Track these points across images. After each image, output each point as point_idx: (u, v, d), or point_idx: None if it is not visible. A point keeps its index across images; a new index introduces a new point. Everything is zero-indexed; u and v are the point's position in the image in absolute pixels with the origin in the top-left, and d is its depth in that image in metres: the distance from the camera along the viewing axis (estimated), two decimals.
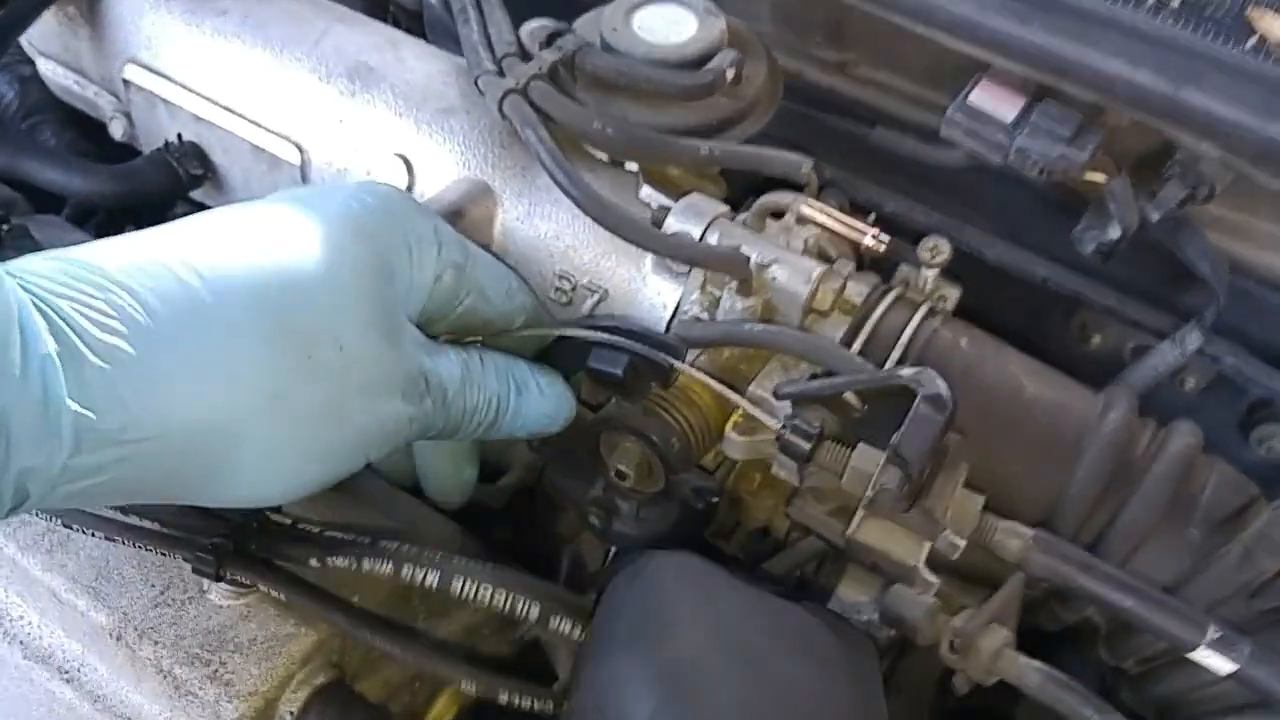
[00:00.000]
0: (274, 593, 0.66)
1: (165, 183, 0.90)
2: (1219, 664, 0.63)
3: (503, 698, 0.69)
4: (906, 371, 0.66)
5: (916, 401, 0.63)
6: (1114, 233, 0.89)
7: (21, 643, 0.69)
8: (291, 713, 0.66)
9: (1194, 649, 0.63)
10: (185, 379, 0.53)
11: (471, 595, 0.64)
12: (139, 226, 1.13)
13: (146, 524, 0.67)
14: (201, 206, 1.12)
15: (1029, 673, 0.64)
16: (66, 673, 0.68)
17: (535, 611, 0.66)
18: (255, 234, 0.59)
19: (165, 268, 0.55)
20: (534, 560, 0.85)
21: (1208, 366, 0.99)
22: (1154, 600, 0.63)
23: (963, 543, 0.63)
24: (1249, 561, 0.70)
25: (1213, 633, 0.62)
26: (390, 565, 0.64)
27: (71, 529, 0.68)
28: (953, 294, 0.85)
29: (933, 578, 0.64)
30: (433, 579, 0.64)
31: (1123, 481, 0.73)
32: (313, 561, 0.66)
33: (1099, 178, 0.87)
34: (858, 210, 0.95)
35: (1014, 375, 0.78)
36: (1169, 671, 0.73)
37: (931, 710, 0.92)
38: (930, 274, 0.82)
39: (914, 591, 0.68)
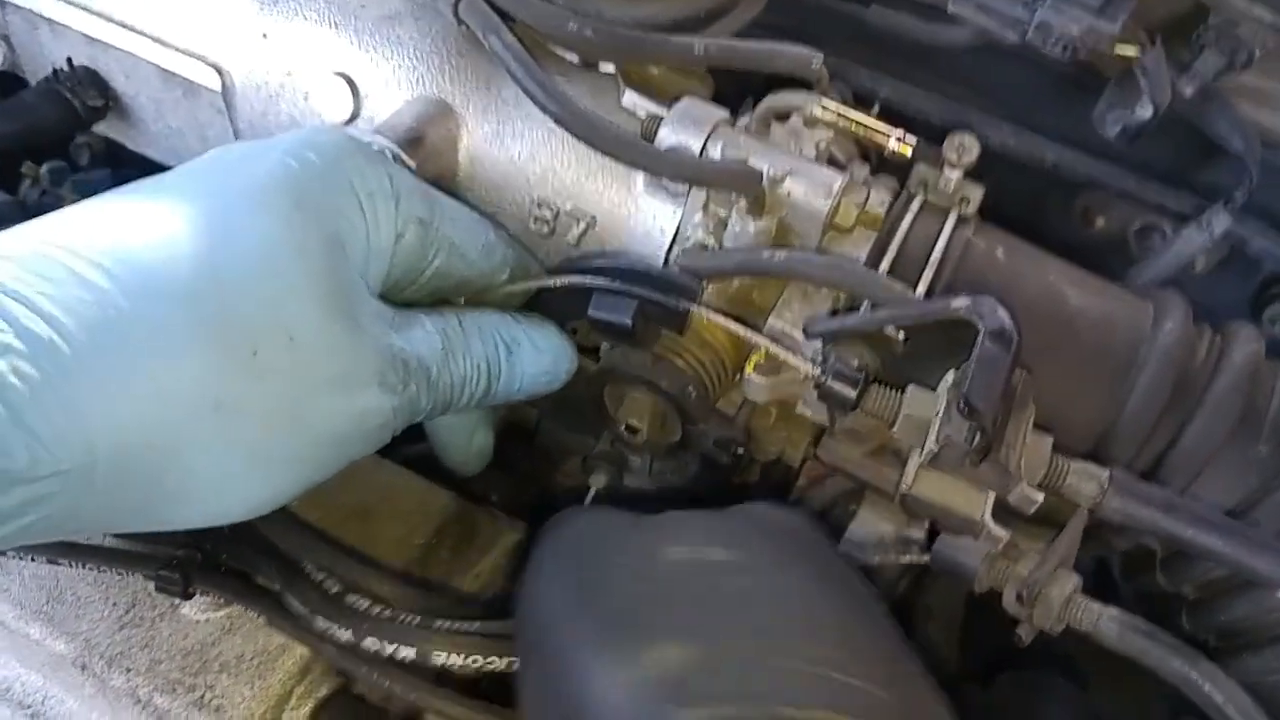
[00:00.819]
0: (252, 613, 0.57)
1: (60, 117, 0.77)
2: None
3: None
4: (960, 301, 0.58)
5: (979, 339, 0.55)
6: (1144, 112, 0.81)
7: None
8: None
9: None
10: (104, 399, 0.44)
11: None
12: (36, 159, 1.00)
13: (95, 541, 0.58)
14: (109, 142, 0.98)
15: (1105, 622, 0.58)
16: (29, 707, 0.60)
17: None
18: (174, 215, 0.49)
19: (65, 267, 0.45)
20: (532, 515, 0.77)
21: (1220, 244, 0.93)
22: (1243, 539, 0.58)
23: (1040, 496, 0.57)
24: None
25: None
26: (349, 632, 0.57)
27: (6, 555, 0.58)
28: (976, 195, 0.76)
29: (1002, 532, 0.58)
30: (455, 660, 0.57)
31: (1184, 398, 0.67)
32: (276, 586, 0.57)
33: (1130, 51, 0.79)
34: (859, 104, 0.86)
35: (1056, 287, 0.70)
36: (1234, 596, 0.68)
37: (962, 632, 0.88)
38: (955, 175, 0.74)
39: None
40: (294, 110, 0.75)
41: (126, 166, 1.04)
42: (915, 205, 0.72)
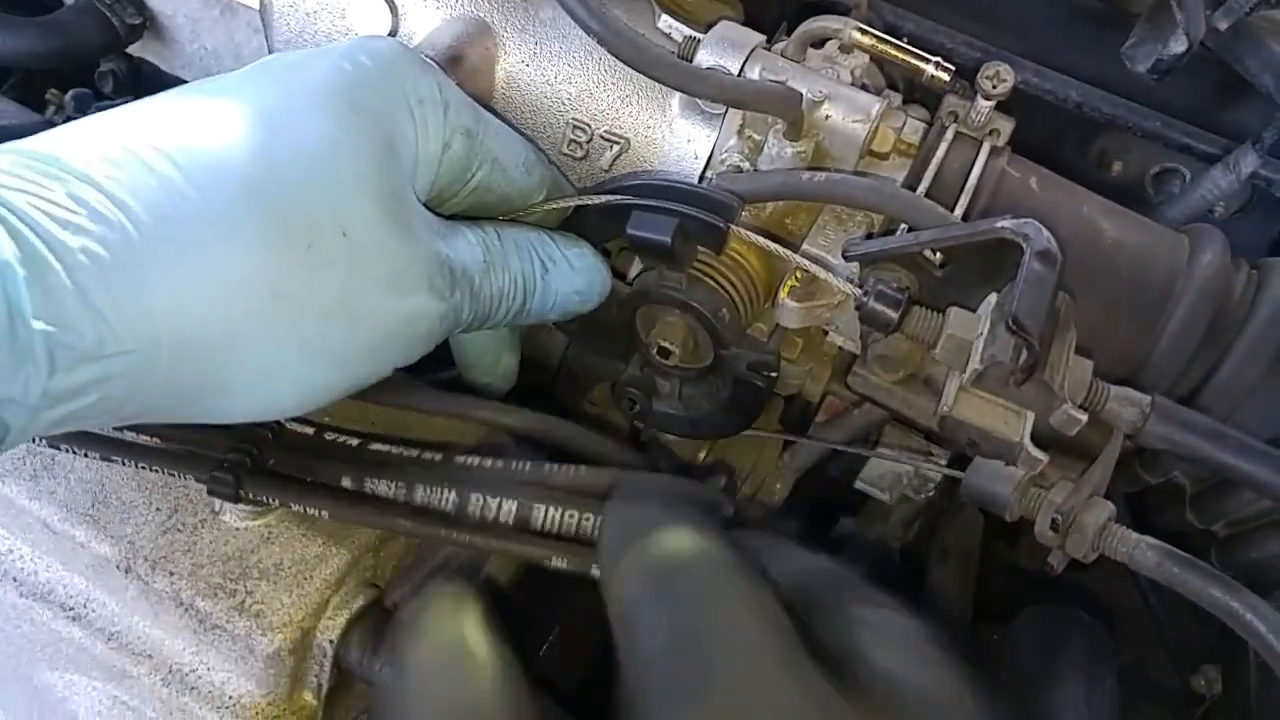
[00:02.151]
0: (311, 510, 0.57)
1: (99, 36, 0.77)
2: None
3: (557, 564, 0.61)
4: (1008, 223, 0.58)
5: (1026, 258, 0.55)
6: (1178, 45, 0.80)
7: (15, 579, 0.62)
8: (331, 641, 0.60)
9: None
10: (168, 283, 0.45)
11: (555, 523, 0.56)
12: (60, 86, 1.00)
13: (146, 440, 0.58)
14: (132, 69, 0.98)
15: (1144, 551, 0.59)
16: (71, 610, 0.61)
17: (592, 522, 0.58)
18: (235, 112, 0.50)
19: (135, 156, 0.46)
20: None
21: (1242, 189, 0.93)
22: None
23: (1084, 417, 0.57)
24: None
25: None
26: (452, 494, 0.56)
27: (60, 449, 0.58)
28: (1006, 127, 0.76)
29: (1040, 455, 0.58)
30: (509, 507, 0.56)
31: (1221, 332, 0.67)
32: (345, 481, 0.58)
33: None
34: None
35: (1092, 218, 0.70)
36: (1267, 533, 0.69)
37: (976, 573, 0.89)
38: (986, 105, 0.73)
39: (996, 464, 0.63)
40: (331, 28, 0.74)
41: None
42: (950, 134, 0.71)
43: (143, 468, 0.58)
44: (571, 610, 0.80)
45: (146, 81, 1.01)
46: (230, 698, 0.59)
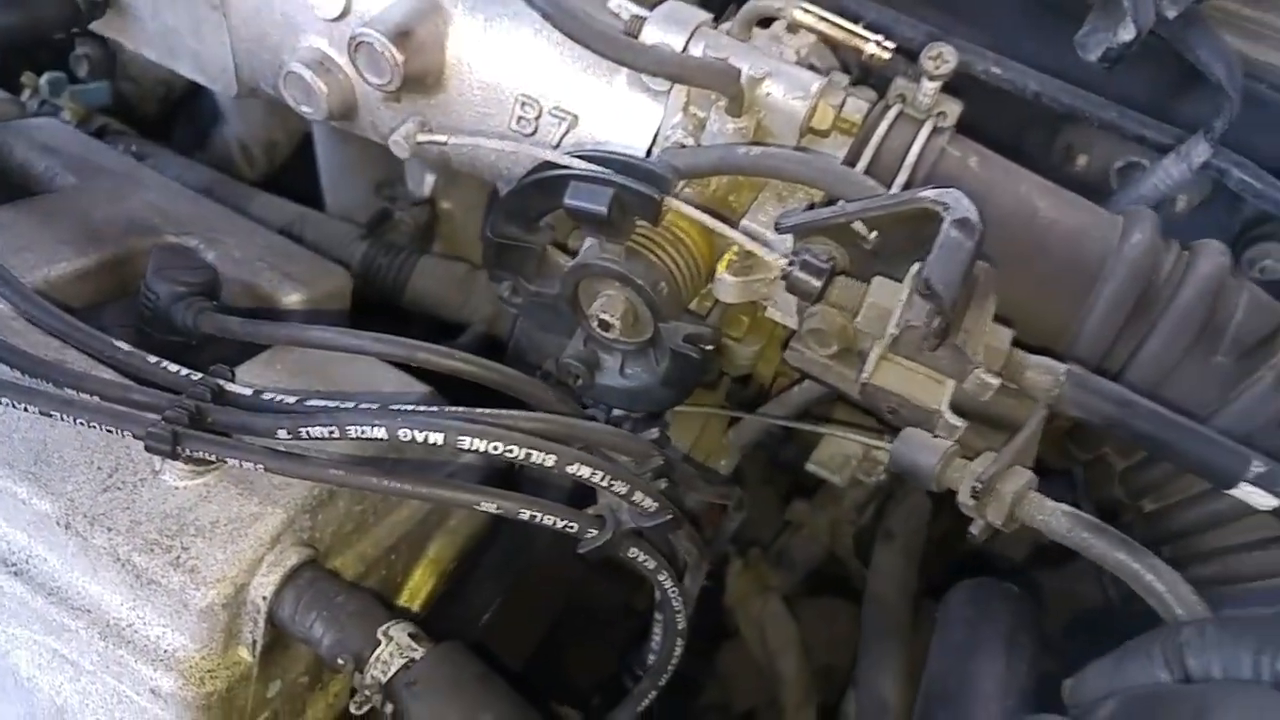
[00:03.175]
0: (246, 464, 0.59)
1: (61, 12, 0.78)
2: (1261, 500, 0.59)
3: (525, 515, 0.62)
4: (929, 192, 0.59)
5: (944, 225, 0.57)
6: (1126, 34, 0.81)
7: None
8: (264, 597, 0.61)
9: (1235, 484, 0.60)
10: None
11: (480, 449, 0.57)
12: (35, 68, 1.02)
13: (86, 398, 0.60)
14: (107, 54, 1.00)
15: (1058, 517, 0.60)
16: (13, 565, 0.62)
17: (551, 461, 0.59)
18: None
19: None
20: None
21: (1202, 184, 0.94)
22: (1195, 434, 0.59)
23: (997, 382, 0.58)
24: None
25: (1256, 467, 0.59)
26: (381, 429, 0.57)
27: (2, 403, 0.60)
28: (954, 109, 0.77)
29: (958, 421, 0.59)
30: (436, 438, 0.56)
31: (1148, 308, 0.68)
32: (282, 433, 0.59)
33: None
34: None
35: (1028, 198, 0.72)
36: (1185, 509, 0.70)
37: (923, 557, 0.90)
38: (932, 86, 0.75)
39: (924, 435, 0.64)
40: (287, 6, 0.76)
41: (124, 81, 1.06)
42: (892, 113, 0.73)
43: (82, 424, 0.60)
44: (523, 582, 0.82)
45: (120, 69, 1.04)
46: (165, 652, 0.60)
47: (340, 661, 0.60)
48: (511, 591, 0.78)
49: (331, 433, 0.57)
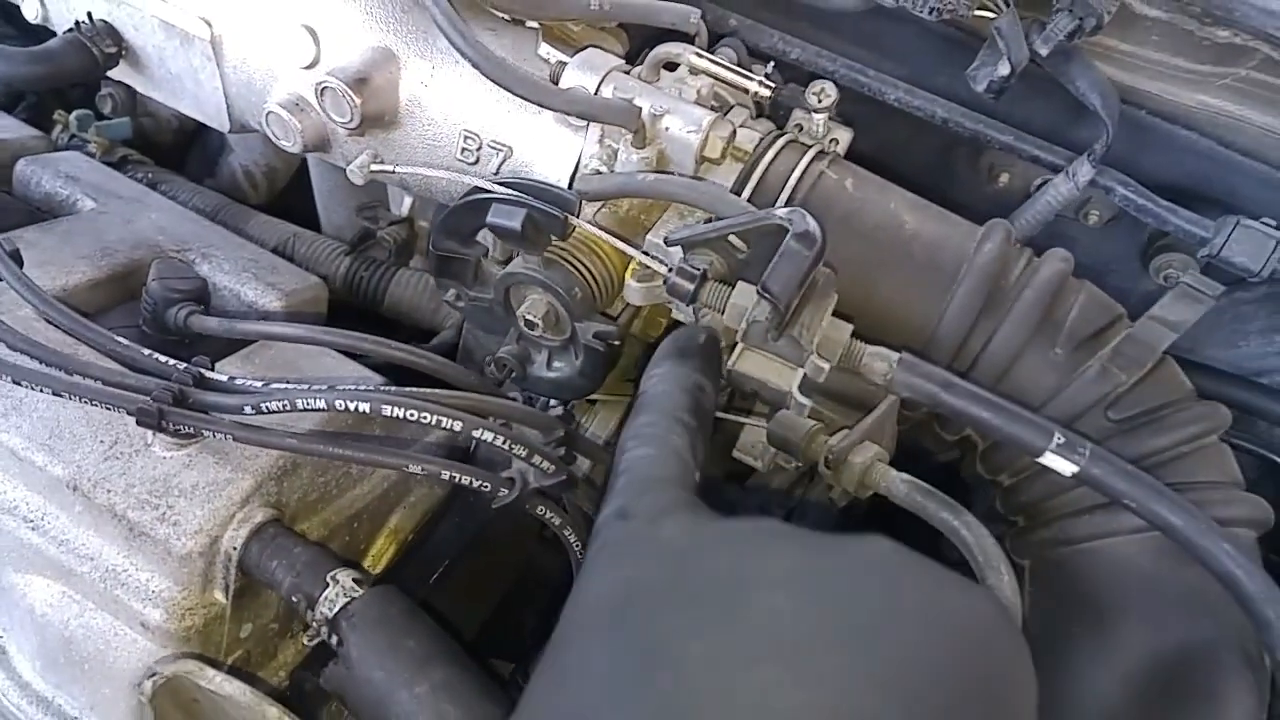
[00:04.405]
0: (218, 435, 0.71)
1: (82, 62, 0.92)
2: (1063, 465, 0.69)
3: (445, 475, 0.73)
4: (780, 211, 0.70)
5: (786, 239, 0.68)
6: (1004, 69, 0.92)
7: None
8: (235, 547, 0.73)
9: (1042, 453, 0.70)
10: None
11: (400, 417, 0.69)
12: (66, 106, 1.17)
13: (90, 382, 0.73)
14: (129, 94, 1.14)
15: (896, 483, 0.70)
16: (31, 520, 0.75)
17: (458, 426, 0.71)
18: None
19: None
20: None
21: (1111, 201, 1.03)
22: (1005, 411, 0.70)
23: (828, 366, 0.69)
24: (1105, 376, 0.77)
25: (1058, 437, 0.69)
26: (322, 400, 0.70)
27: (20, 384, 0.73)
28: (845, 137, 0.88)
29: (805, 400, 0.70)
30: (364, 407, 0.69)
31: (996, 307, 0.78)
32: (248, 409, 0.71)
33: (987, 14, 0.90)
34: (758, 58, 0.98)
35: (896, 213, 0.82)
36: (1032, 481, 0.80)
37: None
38: (819, 118, 0.86)
39: (794, 416, 0.75)
40: (267, 55, 0.89)
41: (143, 117, 1.20)
42: (780, 142, 0.84)
43: (86, 403, 0.73)
44: (475, 553, 0.94)
45: (141, 105, 1.18)
46: (153, 592, 0.73)
47: (295, 599, 0.72)
48: (462, 559, 0.90)
49: (284, 405, 0.70)
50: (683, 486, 0.54)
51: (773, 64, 0.96)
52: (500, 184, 0.78)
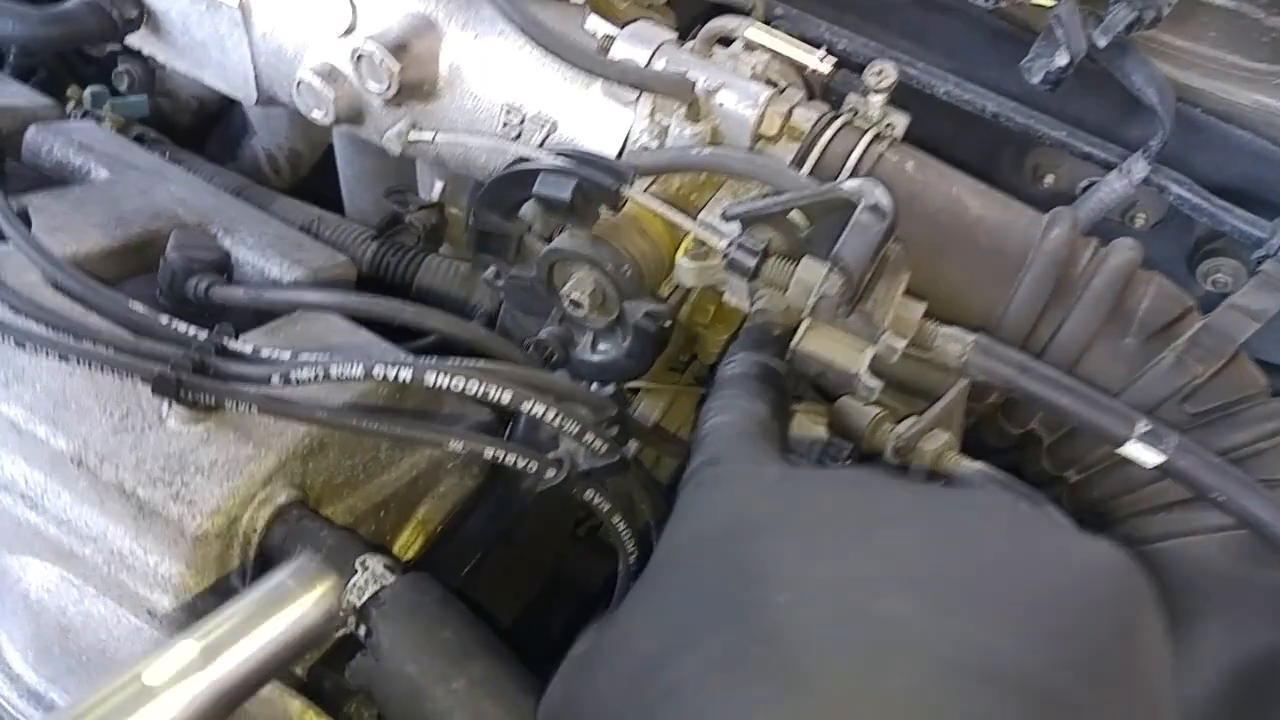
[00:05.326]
0: (241, 406, 0.66)
1: (99, 26, 0.88)
2: (1147, 456, 0.65)
3: (489, 454, 0.68)
4: (849, 184, 0.66)
5: (857, 210, 0.64)
6: (1062, 59, 0.89)
7: None
8: (255, 529, 0.68)
9: (1124, 442, 0.66)
10: None
11: (446, 384, 0.64)
12: (80, 82, 1.12)
13: (102, 348, 0.68)
14: (146, 70, 1.10)
15: (972, 471, 0.66)
16: (30, 499, 0.69)
17: (507, 397, 0.66)
18: None
19: None
20: None
21: (1158, 201, 1.00)
22: (1087, 397, 0.66)
23: (902, 344, 0.65)
24: (1181, 367, 0.73)
25: (1142, 426, 0.65)
26: (359, 367, 0.64)
27: (24, 347, 0.68)
28: (901, 122, 0.85)
29: (875, 382, 0.66)
30: (405, 375, 0.64)
31: (1065, 295, 0.75)
32: (275, 379, 0.66)
33: (1047, 2, 0.87)
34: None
35: (959, 197, 0.79)
36: (1103, 476, 0.76)
37: None
38: (877, 100, 0.83)
39: (859, 402, 0.70)
40: (301, 21, 0.85)
41: (161, 96, 1.16)
42: (838, 123, 0.80)
43: (97, 370, 0.67)
44: (507, 548, 0.88)
45: (159, 83, 1.14)
46: (162, 576, 0.67)
47: None
48: (493, 552, 0.85)
49: (316, 375, 0.65)
50: (771, 445, 0.49)
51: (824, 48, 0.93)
52: (547, 154, 0.74)
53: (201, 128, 1.19)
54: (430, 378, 0.63)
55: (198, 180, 0.92)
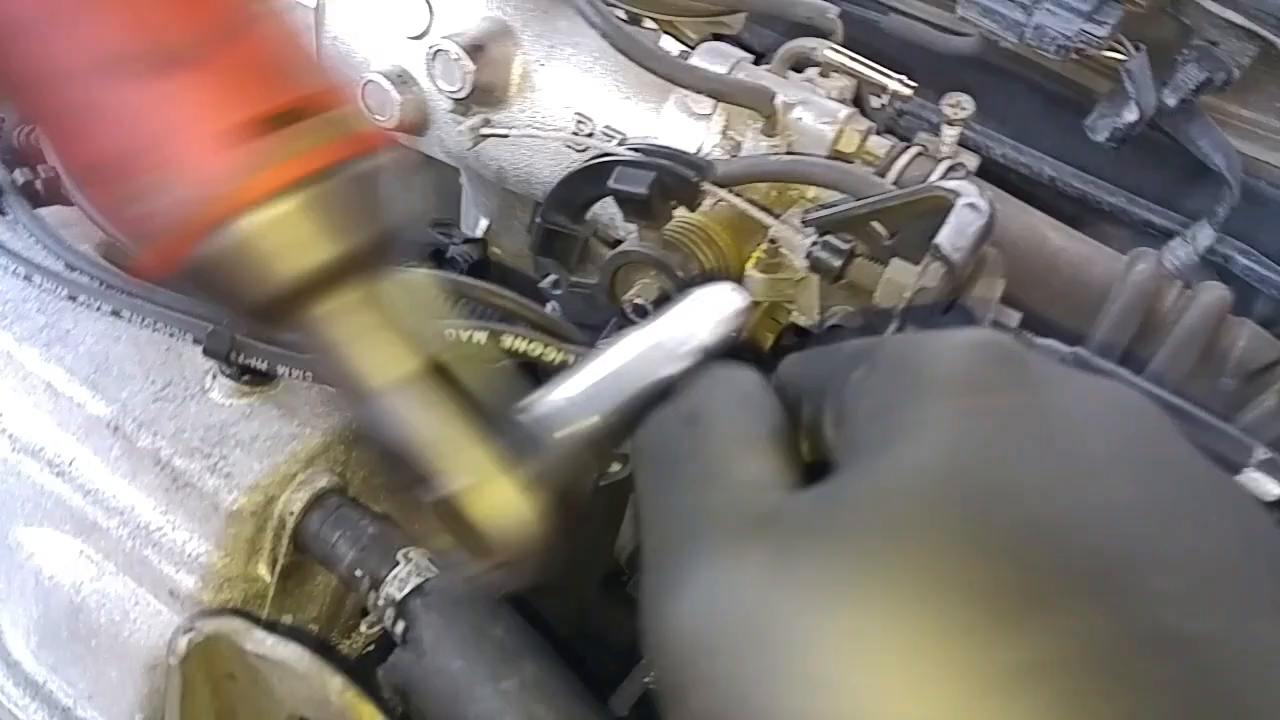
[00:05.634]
0: (295, 373, 0.62)
1: None
2: (1268, 486, 0.61)
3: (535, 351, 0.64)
4: (945, 183, 0.64)
5: (957, 205, 0.62)
6: (1130, 115, 0.89)
7: (10, 435, 0.66)
8: (292, 512, 0.63)
9: (1241, 471, 0.62)
10: None
11: (521, 351, 0.62)
12: None
13: (153, 308, 0.64)
14: None
15: None
16: (57, 466, 0.65)
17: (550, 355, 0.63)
18: None
19: None
20: None
21: (1201, 275, 0.99)
22: (1197, 419, 0.62)
23: None
24: None
25: (1261, 453, 0.61)
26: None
27: (76, 300, 0.64)
28: (971, 161, 0.84)
29: None
30: (479, 338, 0.60)
31: (1152, 330, 0.72)
32: None
33: (1117, 56, 0.88)
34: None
35: (1038, 228, 0.77)
36: None
37: None
38: (952, 132, 0.81)
39: None
40: (374, 24, 0.85)
41: None
42: (912, 151, 0.79)
43: (146, 325, 0.64)
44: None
45: None
46: (189, 555, 0.62)
47: (358, 575, 0.61)
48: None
49: None
50: None
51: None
52: (624, 149, 0.72)
53: None
54: (507, 341, 0.59)
55: None
